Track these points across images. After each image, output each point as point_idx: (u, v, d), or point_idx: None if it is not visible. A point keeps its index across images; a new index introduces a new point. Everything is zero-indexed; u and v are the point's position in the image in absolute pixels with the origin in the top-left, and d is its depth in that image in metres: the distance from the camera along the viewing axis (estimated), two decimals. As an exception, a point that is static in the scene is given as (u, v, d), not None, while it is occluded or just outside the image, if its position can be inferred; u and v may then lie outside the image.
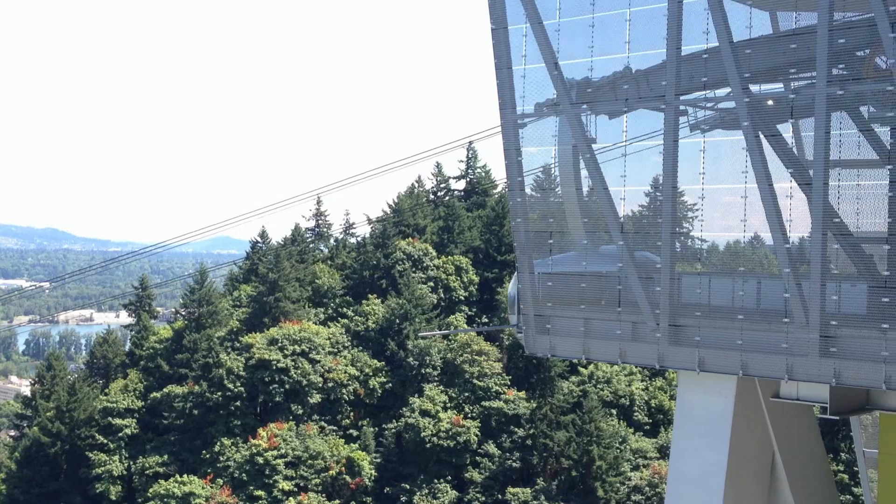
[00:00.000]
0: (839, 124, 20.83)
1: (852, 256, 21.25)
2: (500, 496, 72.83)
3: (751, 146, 21.66)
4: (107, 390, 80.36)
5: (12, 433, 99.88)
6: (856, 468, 46.89)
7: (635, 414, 77.18)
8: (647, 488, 70.54)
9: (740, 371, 22.27)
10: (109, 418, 77.10)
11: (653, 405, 77.96)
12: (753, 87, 22.01)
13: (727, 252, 23.79)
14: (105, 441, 76.62)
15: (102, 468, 75.15)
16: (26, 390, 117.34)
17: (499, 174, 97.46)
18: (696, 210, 23.25)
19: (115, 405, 77.51)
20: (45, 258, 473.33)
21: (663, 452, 72.04)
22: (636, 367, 75.32)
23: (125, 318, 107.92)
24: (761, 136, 21.71)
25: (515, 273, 30.99)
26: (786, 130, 22.26)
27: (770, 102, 22.21)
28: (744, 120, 21.70)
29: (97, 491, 74.91)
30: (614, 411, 76.03)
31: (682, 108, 23.52)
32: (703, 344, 22.81)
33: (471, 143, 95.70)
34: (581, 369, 77.48)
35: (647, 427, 77.49)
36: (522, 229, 26.53)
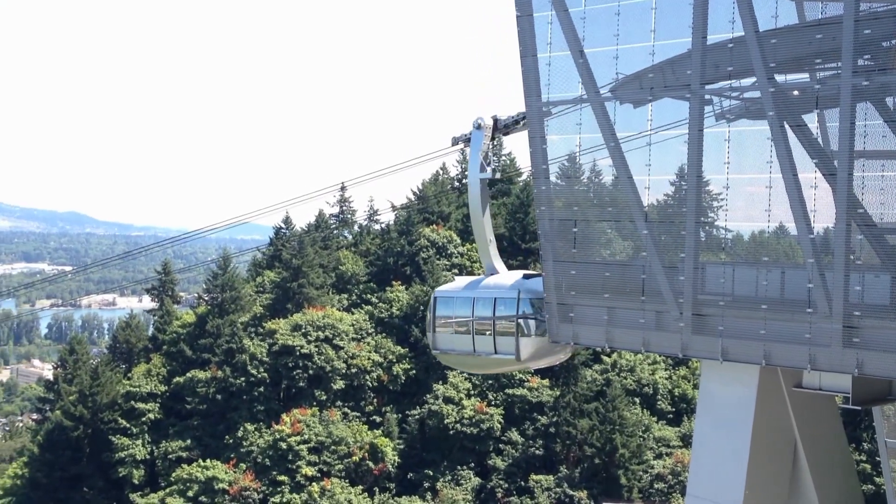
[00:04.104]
0: (864, 115, 20.71)
1: (876, 247, 21.21)
2: (522, 483, 73.12)
3: (776, 136, 21.63)
4: (129, 375, 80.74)
5: (35, 417, 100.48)
6: (878, 458, 46.66)
7: (658, 403, 77.16)
8: (669, 476, 70.63)
9: (763, 361, 22.30)
10: (132, 402, 77.55)
11: (676, 394, 77.89)
12: (779, 77, 21.94)
13: (751, 242, 23.79)
14: (128, 425, 77.02)
15: (125, 452, 75.58)
16: (49, 374, 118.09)
17: (524, 162, 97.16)
18: (721, 199, 23.26)
19: (137, 389, 77.96)
20: (67, 242, 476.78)
21: (686, 441, 72.02)
22: (659, 355, 75.24)
23: (148, 302, 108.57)
24: (786, 127, 21.68)
25: (433, 293, 30.90)
26: (811, 121, 22.19)
27: (795, 93, 22.15)
28: (769, 110, 21.66)
29: (120, 475, 75.36)
30: (637, 400, 76.07)
31: (707, 97, 23.51)
32: (726, 333, 22.85)
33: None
34: (604, 358, 77.50)
35: (671, 416, 77.47)
36: (547, 217, 26.59)
